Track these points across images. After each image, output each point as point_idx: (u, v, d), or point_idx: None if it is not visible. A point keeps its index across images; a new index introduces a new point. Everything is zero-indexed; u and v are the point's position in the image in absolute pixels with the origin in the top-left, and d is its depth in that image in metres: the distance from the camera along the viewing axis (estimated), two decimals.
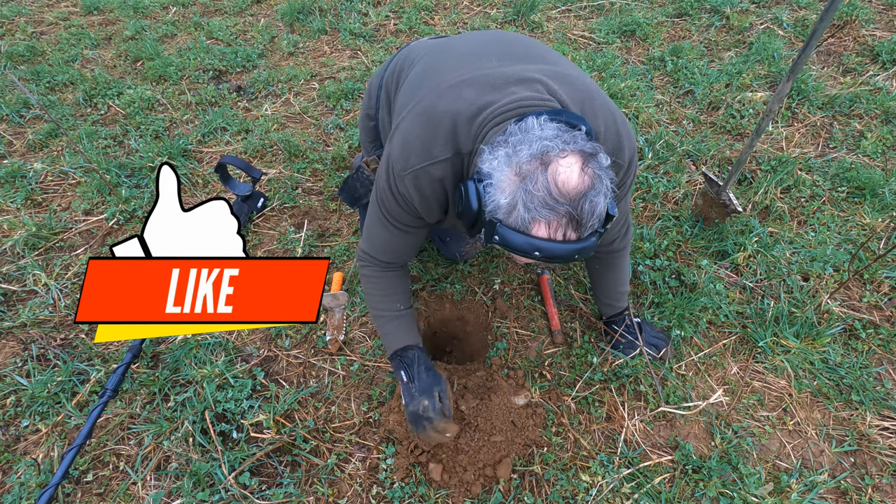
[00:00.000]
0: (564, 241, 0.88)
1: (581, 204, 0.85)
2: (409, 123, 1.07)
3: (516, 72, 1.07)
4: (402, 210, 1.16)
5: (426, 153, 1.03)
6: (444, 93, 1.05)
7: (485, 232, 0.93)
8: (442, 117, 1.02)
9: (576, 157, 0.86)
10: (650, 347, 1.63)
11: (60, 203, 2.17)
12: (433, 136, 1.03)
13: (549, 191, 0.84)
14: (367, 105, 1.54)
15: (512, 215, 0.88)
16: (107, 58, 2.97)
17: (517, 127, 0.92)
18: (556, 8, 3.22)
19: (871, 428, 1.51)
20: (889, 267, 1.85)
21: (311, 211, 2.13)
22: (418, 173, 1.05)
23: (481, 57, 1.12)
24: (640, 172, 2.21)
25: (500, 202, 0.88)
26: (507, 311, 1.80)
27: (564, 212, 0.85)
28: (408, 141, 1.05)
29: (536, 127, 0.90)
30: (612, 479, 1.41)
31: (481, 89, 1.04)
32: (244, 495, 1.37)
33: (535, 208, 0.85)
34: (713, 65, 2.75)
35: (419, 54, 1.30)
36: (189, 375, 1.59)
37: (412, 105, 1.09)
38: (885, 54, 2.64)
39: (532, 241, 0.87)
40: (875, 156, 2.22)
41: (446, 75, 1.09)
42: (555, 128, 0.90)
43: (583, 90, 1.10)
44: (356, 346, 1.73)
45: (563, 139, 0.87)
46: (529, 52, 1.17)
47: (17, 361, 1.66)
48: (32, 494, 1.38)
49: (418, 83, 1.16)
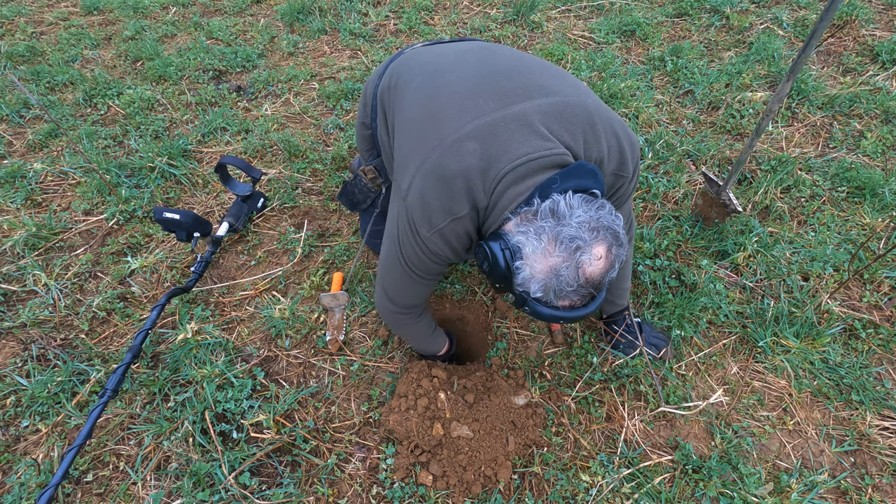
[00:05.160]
0: (582, 307, 1.05)
1: (601, 283, 1.01)
2: (422, 184, 1.10)
3: (515, 115, 1.08)
4: (434, 263, 1.21)
5: (447, 212, 1.09)
6: (449, 149, 1.07)
7: (515, 300, 1.08)
8: (454, 177, 1.06)
9: (603, 248, 0.98)
10: (650, 347, 1.63)
11: (60, 203, 2.17)
12: (450, 197, 1.08)
13: (577, 281, 0.98)
14: (363, 114, 1.53)
15: (543, 297, 1.02)
16: (107, 58, 2.97)
17: (548, 209, 1.00)
18: (556, 8, 3.22)
19: (871, 428, 1.51)
20: (889, 267, 1.85)
21: (311, 211, 2.13)
22: (444, 231, 1.11)
23: (479, 98, 1.12)
24: (641, 172, 2.20)
25: (533, 287, 1.02)
26: (507, 311, 1.80)
27: (586, 293, 1.01)
28: (426, 202, 1.10)
29: (566, 212, 0.99)
30: (612, 479, 1.41)
31: (485, 143, 1.06)
32: (244, 495, 1.37)
33: (564, 295, 1.00)
34: (713, 65, 2.75)
35: (412, 75, 1.28)
36: (189, 375, 1.59)
37: (420, 163, 1.11)
38: (885, 54, 2.64)
39: (557, 312, 1.04)
40: (875, 156, 2.22)
41: (447, 128, 1.10)
42: (583, 209, 0.99)
43: (582, 119, 1.12)
44: (356, 346, 1.73)
45: (592, 226, 0.98)
46: (525, 82, 1.15)
47: (17, 361, 1.66)
48: (32, 494, 1.38)
49: (420, 133, 1.16)
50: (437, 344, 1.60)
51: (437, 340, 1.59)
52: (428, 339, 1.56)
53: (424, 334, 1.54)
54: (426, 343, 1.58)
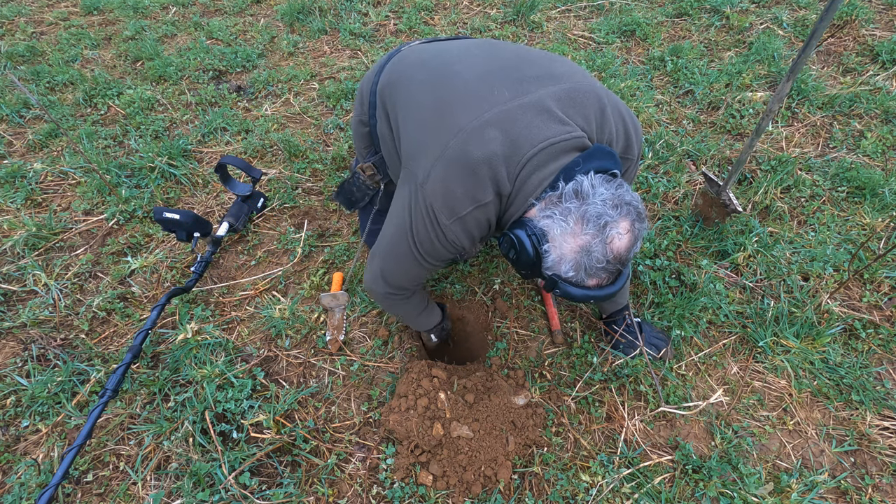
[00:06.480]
0: (610, 284, 1.07)
1: (628, 258, 1.03)
2: (444, 172, 1.09)
3: (532, 103, 1.09)
4: (447, 251, 1.20)
5: (471, 199, 1.10)
6: (470, 137, 1.07)
7: (546, 284, 1.10)
8: (478, 164, 1.07)
9: (628, 223, 1.01)
10: (650, 347, 1.63)
11: (60, 203, 2.17)
12: (475, 183, 1.08)
13: (605, 257, 1.01)
14: (360, 111, 1.53)
15: (574, 277, 1.05)
16: (107, 58, 2.97)
17: (571, 190, 1.02)
18: (556, 8, 3.22)
19: (871, 428, 1.51)
20: (889, 267, 1.85)
21: (311, 211, 2.13)
22: (465, 219, 1.12)
23: (492, 87, 1.12)
24: (641, 172, 2.21)
25: (564, 267, 1.04)
26: (507, 311, 1.80)
27: (614, 269, 1.03)
28: (449, 190, 1.10)
29: (590, 191, 1.01)
30: (612, 479, 1.41)
31: (505, 129, 1.07)
32: (244, 495, 1.37)
33: (594, 273, 1.03)
34: (713, 65, 2.75)
35: (415, 70, 1.28)
36: (189, 375, 1.59)
37: (439, 152, 1.10)
38: (885, 54, 2.64)
39: (587, 292, 1.06)
40: (875, 156, 2.22)
41: (464, 115, 1.10)
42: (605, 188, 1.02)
43: (594, 103, 1.15)
44: (356, 346, 1.73)
45: (615, 203, 1.00)
46: (534, 70, 1.16)
47: (17, 361, 1.66)
48: (32, 494, 1.38)
49: (434, 123, 1.15)
50: (431, 319, 1.61)
51: (429, 316, 1.60)
52: (419, 315, 1.57)
53: (416, 311, 1.55)
54: (418, 319, 1.58)
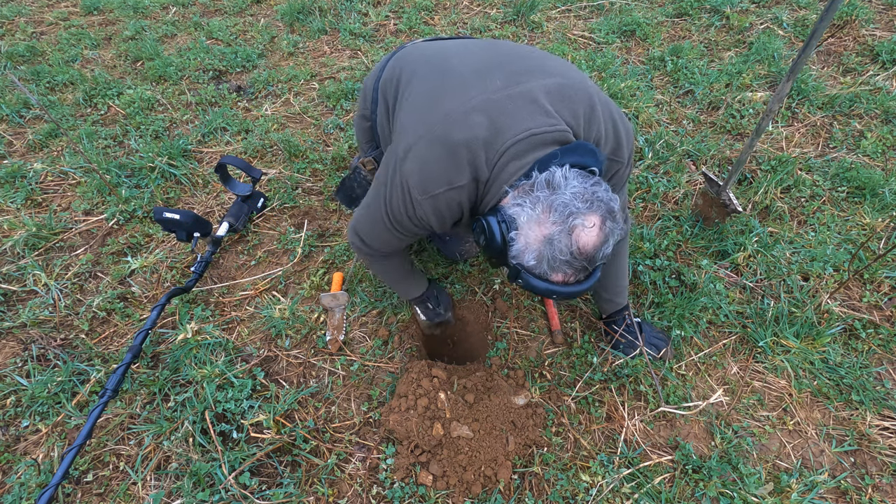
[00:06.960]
0: (577, 283, 1.04)
1: (595, 257, 1.00)
2: (424, 151, 1.11)
3: (522, 93, 1.11)
4: (414, 226, 1.21)
5: (446, 180, 1.10)
6: (456, 121, 1.09)
7: (509, 273, 1.07)
8: (458, 146, 1.07)
9: (597, 218, 0.98)
10: (650, 347, 1.63)
11: (60, 203, 2.17)
12: (452, 164, 1.09)
13: (570, 252, 0.97)
14: (363, 106, 1.56)
15: (536, 268, 1.02)
16: (107, 58, 2.97)
17: (543, 180, 1.01)
18: (556, 8, 3.22)
19: (871, 428, 1.51)
20: (889, 267, 1.85)
21: (311, 211, 2.13)
22: (437, 198, 1.12)
23: (485, 77, 1.14)
24: (641, 172, 2.21)
25: (527, 256, 1.01)
26: (507, 311, 1.80)
27: (580, 266, 1.00)
28: (426, 168, 1.11)
29: (562, 182, 0.99)
30: (612, 479, 1.41)
31: (491, 116, 1.08)
32: (244, 495, 1.37)
33: (557, 266, 0.99)
34: (713, 65, 2.75)
35: (416, 65, 1.31)
36: (189, 375, 1.59)
37: (423, 132, 1.12)
38: (885, 54, 2.64)
39: (551, 286, 1.03)
40: (875, 156, 2.22)
41: (454, 101, 1.12)
42: (578, 181, 1.00)
43: (584, 101, 1.15)
44: (356, 346, 1.73)
45: (586, 197, 0.98)
46: (528, 64, 1.18)
47: (17, 361, 1.66)
48: (32, 494, 1.38)
49: (425, 107, 1.18)
50: (412, 289, 1.61)
51: (411, 286, 1.60)
52: (399, 282, 1.58)
53: (394, 276, 1.55)
54: (399, 286, 1.59)
